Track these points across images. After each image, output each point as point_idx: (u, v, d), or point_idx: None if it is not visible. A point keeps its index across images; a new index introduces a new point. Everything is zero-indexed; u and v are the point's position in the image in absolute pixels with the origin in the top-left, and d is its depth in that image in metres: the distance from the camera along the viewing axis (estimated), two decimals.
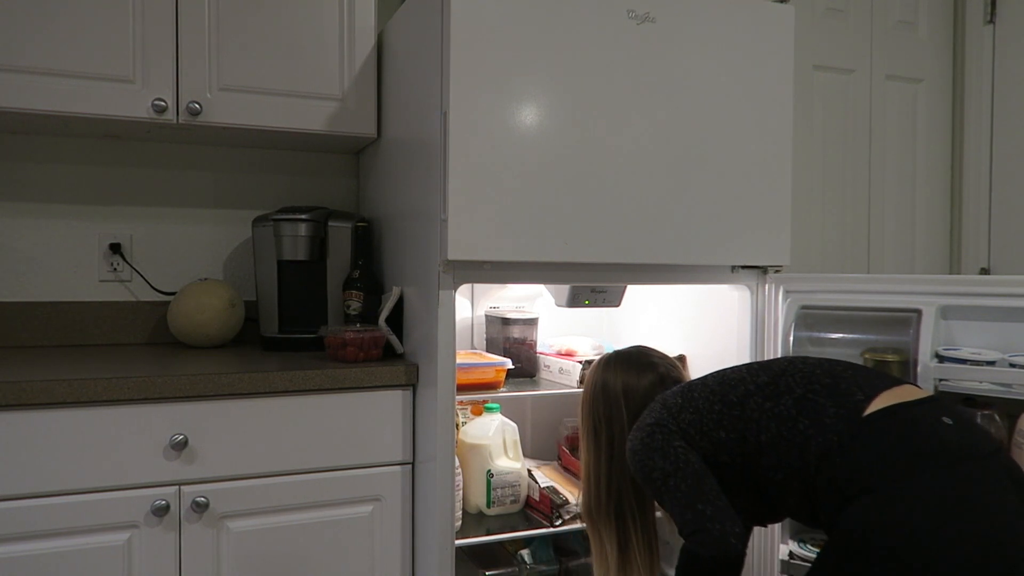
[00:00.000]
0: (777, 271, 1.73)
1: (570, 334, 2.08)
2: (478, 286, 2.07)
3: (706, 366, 1.72)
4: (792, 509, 1.20)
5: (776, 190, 1.69)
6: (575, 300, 1.86)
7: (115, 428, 1.37)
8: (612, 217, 1.53)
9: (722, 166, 1.63)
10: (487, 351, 1.98)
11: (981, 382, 1.57)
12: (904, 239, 2.78)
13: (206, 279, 1.87)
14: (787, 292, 1.71)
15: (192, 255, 2.00)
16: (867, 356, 1.61)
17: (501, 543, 1.84)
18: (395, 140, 1.76)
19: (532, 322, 1.94)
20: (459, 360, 1.52)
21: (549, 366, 1.93)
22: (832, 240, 2.64)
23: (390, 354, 1.69)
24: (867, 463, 1.05)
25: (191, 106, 1.66)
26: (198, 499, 1.41)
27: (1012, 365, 1.55)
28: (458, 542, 1.56)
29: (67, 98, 1.58)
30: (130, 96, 1.63)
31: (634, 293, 2.06)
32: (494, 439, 1.79)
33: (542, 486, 1.78)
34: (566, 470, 1.96)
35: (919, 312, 1.64)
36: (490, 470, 1.77)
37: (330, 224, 1.81)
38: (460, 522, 1.70)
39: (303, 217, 1.78)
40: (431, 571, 1.50)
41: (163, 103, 1.64)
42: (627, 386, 1.44)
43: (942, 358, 1.61)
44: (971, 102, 2.77)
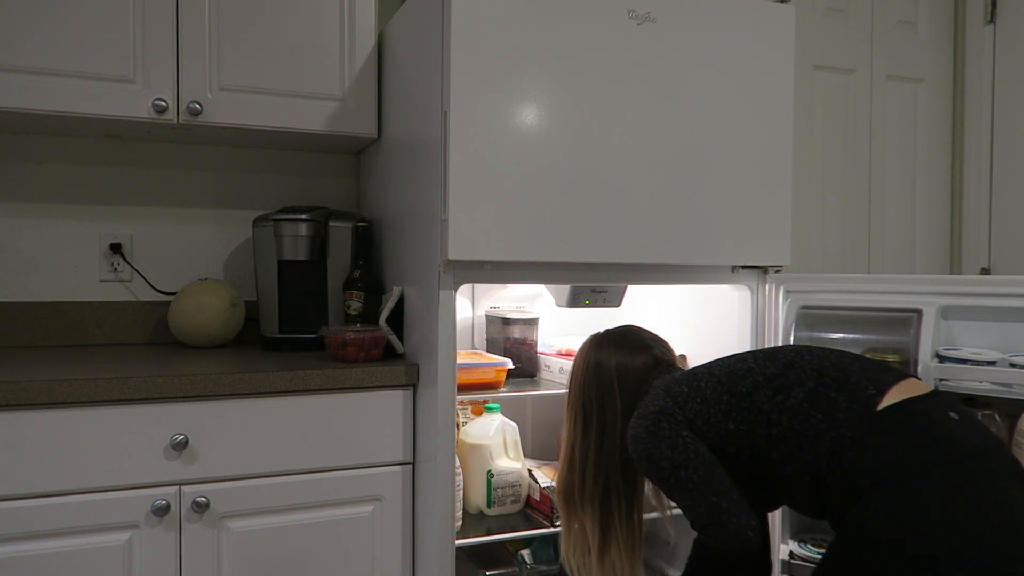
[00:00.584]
0: (777, 271, 1.73)
1: (570, 334, 2.08)
2: (478, 286, 2.07)
3: None
4: (798, 502, 1.19)
5: (776, 190, 1.69)
6: (575, 300, 1.86)
7: (116, 428, 1.37)
8: (612, 217, 1.53)
9: (722, 166, 1.63)
10: (487, 351, 1.98)
11: (981, 382, 1.57)
12: (904, 239, 2.78)
13: (206, 279, 1.87)
14: (787, 292, 1.71)
15: (192, 255, 2.00)
16: (868, 356, 1.61)
17: (502, 543, 1.84)
18: (395, 140, 1.76)
19: (532, 322, 1.94)
20: (459, 360, 1.52)
21: (549, 366, 1.93)
22: (832, 240, 2.64)
23: (390, 354, 1.69)
24: (882, 458, 1.05)
25: (191, 106, 1.66)
26: (198, 499, 1.41)
27: (1012, 365, 1.55)
28: (458, 542, 1.56)
29: (67, 98, 1.58)
30: (130, 96, 1.63)
31: (634, 293, 2.06)
32: (494, 439, 1.79)
33: (542, 486, 1.78)
34: None
35: (919, 312, 1.64)
36: (490, 470, 1.77)
37: (330, 224, 1.81)
38: (460, 522, 1.70)
39: (303, 217, 1.78)
40: (431, 571, 1.50)
41: (163, 103, 1.64)
42: (621, 366, 1.39)
43: (943, 358, 1.61)
44: (971, 102, 2.77)
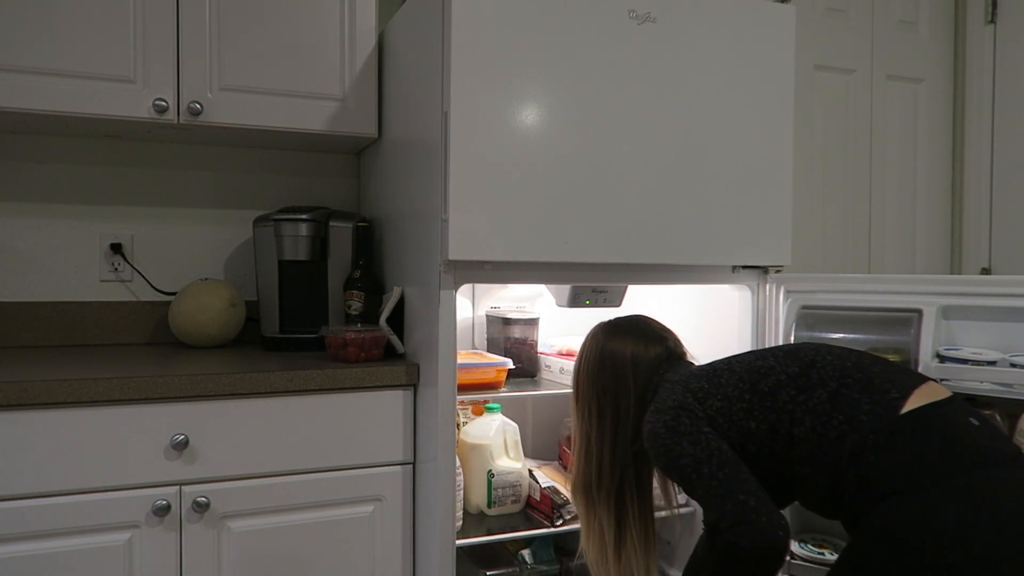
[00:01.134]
0: (778, 271, 1.73)
1: (571, 334, 2.08)
2: (479, 286, 2.07)
3: None
4: (812, 502, 1.18)
5: (777, 190, 1.69)
6: (576, 300, 1.86)
7: (116, 428, 1.37)
8: (613, 217, 1.53)
9: (723, 166, 1.63)
10: (488, 351, 1.98)
11: (982, 382, 1.57)
12: (905, 239, 2.78)
13: (207, 279, 1.87)
14: (788, 292, 1.71)
15: (193, 255, 2.00)
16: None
17: (502, 543, 1.84)
18: (396, 140, 1.76)
19: (533, 322, 1.94)
20: (460, 360, 1.52)
21: (550, 366, 1.93)
22: (833, 240, 2.64)
23: (391, 354, 1.69)
24: (904, 463, 1.04)
25: (192, 106, 1.66)
26: (199, 499, 1.41)
27: (1013, 365, 1.55)
28: (459, 542, 1.56)
29: (68, 98, 1.58)
30: (131, 96, 1.63)
31: (635, 293, 2.06)
32: (495, 439, 1.79)
33: (543, 486, 1.78)
34: (567, 470, 1.96)
35: (920, 312, 1.64)
36: (491, 470, 1.77)
37: (331, 224, 1.81)
38: (461, 522, 1.70)
39: (304, 217, 1.78)
40: (432, 571, 1.50)
41: (164, 103, 1.64)
42: (636, 357, 1.36)
43: (943, 358, 1.61)
44: (972, 102, 2.77)
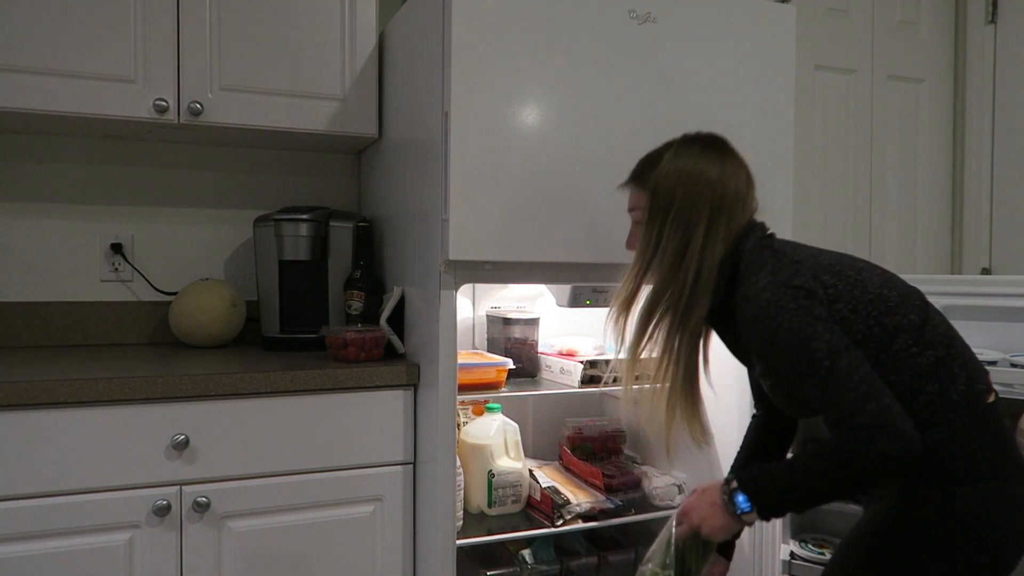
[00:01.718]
0: None
1: (571, 334, 2.07)
2: (479, 286, 2.07)
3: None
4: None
5: (778, 190, 1.68)
6: (576, 300, 1.86)
7: (116, 428, 1.37)
8: (613, 217, 1.53)
9: None
10: (488, 351, 1.98)
11: None
12: (905, 239, 2.78)
13: (207, 279, 1.87)
14: None
15: (193, 255, 2.00)
16: None
17: (502, 543, 1.84)
18: (396, 140, 1.76)
19: (533, 322, 1.94)
20: (460, 360, 1.51)
21: (550, 366, 1.93)
22: (833, 240, 2.64)
23: (391, 354, 1.69)
24: (980, 452, 1.05)
25: (192, 106, 1.66)
26: (199, 499, 1.41)
27: (1013, 365, 1.56)
28: (459, 542, 1.56)
29: (68, 98, 1.58)
30: (131, 96, 1.63)
31: None
32: (495, 439, 1.79)
33: (543, 486, 1.78)
34: (567, 470, 1.96)
35: None
36: (491, 470, 1.77)
37: (331, 224, 1.81)
38: (461, 522, 1.70)
39: (304, 217, 1.78)
40: (432, 571, 1.50)
41: (164, 103, 1.64)
42: (723, 179, 1.20)
43: None
44: (972, 102, 2.77)
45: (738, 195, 1.22)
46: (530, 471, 1.84)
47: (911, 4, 2.74)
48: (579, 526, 1.72)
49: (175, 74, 1.66)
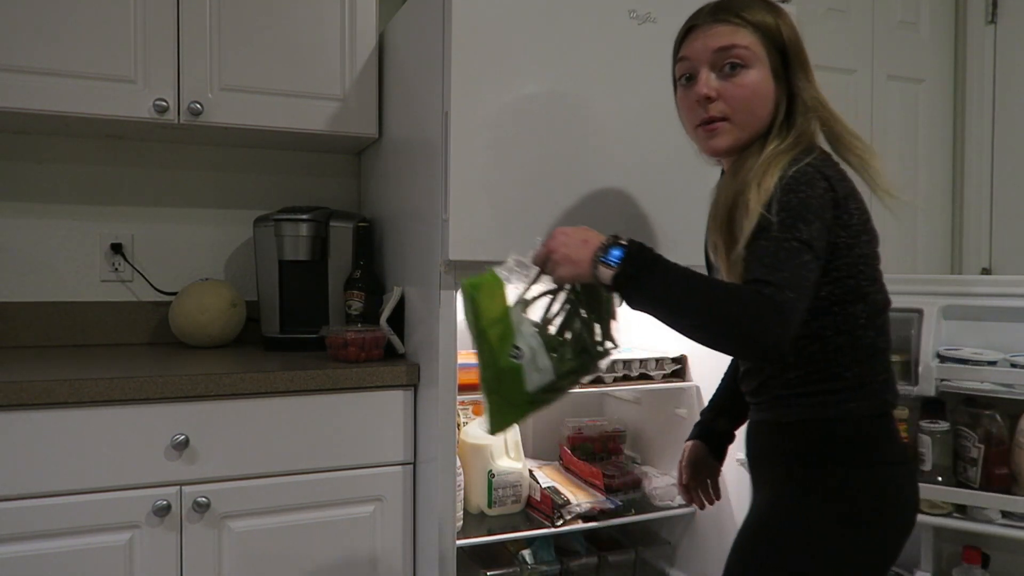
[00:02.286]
0: None
1: None
2: None
3: (707, 365, 1.72)
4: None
5: None
6: None
7: (116, 428, 1.37)
8: (613, 217, 1.53)
9: None
10: None
11: (982, 382, 1.57)
12: (905, 239, 2.78)
13: (207, 279, 1.87)
14: None
15: (193, 255, 2.00)
16: None
17: (502, 543, 1.84)
18: (396, 140, 1.76)
19: None
20: (460, 360, 1.51)
21: None
22: None
23: (391, 354, 1.69)
24: (867, 437, 1.08)
25: (192, 106, 1.66)
26: (199, 499, 1.41)
27: (1013, 365, 1.55)
28: (459, 542, 1.56)
29: (68, 98, 1.58)
30: (131, 96, 1.63)
31: None
32: (495, 439, 1.79)
33: (543, 486, 1.78)
34: (567, 470, 1.96)
35: (920, 312, 1.64)
36: (491, 470, 1.77)
37: (331, 224, 1.81)
38: (461, 522, 1.70)
39: (304, 217, 1.78)
40: (432, 571, 1.50)
41: (164, 103, 1.64)
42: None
43: (943, 358, 1.61)
44: (972, 102, 2.76)
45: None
46: (530, 471, 1.84)
47: (911, 4, 2.74)
48: (579, 526, 1.72)
49: (175, 74, 1.66)
